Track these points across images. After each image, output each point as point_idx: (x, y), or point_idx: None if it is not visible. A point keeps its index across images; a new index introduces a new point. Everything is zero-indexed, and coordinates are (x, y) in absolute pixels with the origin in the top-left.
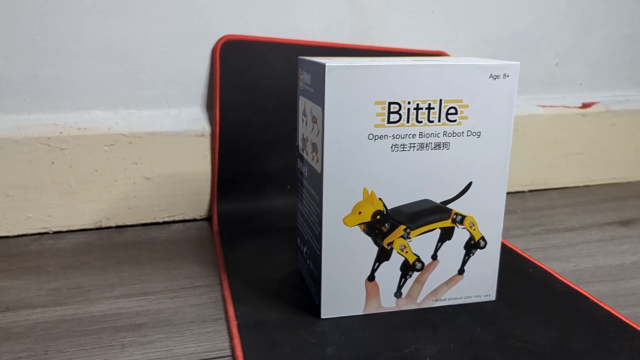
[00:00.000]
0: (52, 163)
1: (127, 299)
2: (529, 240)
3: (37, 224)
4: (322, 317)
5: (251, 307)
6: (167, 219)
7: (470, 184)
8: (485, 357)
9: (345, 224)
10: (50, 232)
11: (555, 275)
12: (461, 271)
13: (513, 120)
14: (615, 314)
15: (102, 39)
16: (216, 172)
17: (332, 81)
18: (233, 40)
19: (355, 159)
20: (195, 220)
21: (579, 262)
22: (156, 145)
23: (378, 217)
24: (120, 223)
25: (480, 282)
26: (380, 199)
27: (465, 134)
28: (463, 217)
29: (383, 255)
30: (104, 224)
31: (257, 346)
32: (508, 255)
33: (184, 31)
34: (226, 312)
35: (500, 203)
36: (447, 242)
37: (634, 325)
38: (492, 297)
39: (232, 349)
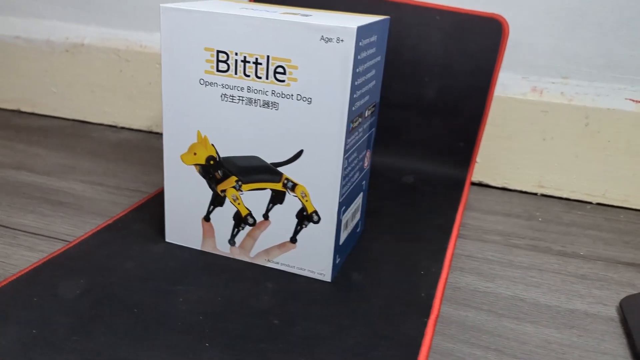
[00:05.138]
0: (120, 71)
1: (85, 184)
2: (488, 249)
3: (110, 118)
4: (166, 240)
5: (138, 217)
6: None
7: (301, 152)
8: (210, 318)
9: (182, 161)
10: (118, 126)
11: (439, 287)
12: (293, 240)
13: (349, 91)
14: (425, 341)
15: None
16: None
17: (165, 23)
18: None
19: (189, 102)
20: None
21: (505, 287)
22: None
23: (211, 162)
24: None
25: (314, 258)
26: (213, 145)
27: (294, 97)
28: (295, 184)
29: (217, 200)
30: (154, 129)
31: (95, 242)
32: (427, 252)
33: None
34: (121, 214)
35: (334, 180)
36: (279, 206)
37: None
38: (327, 278)
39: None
